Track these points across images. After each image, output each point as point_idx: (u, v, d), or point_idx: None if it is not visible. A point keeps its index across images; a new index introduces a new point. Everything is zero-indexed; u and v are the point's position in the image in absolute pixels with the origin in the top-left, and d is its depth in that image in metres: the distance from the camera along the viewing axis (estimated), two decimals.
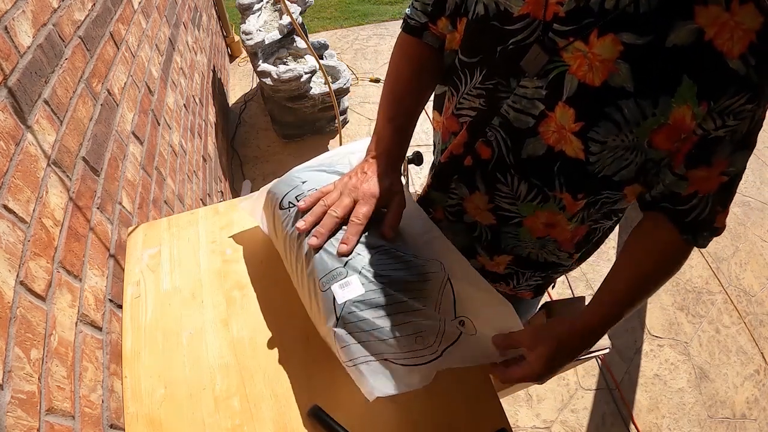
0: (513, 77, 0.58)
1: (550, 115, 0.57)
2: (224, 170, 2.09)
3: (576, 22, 0.51)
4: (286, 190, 0.69)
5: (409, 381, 0.55)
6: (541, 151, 0.60)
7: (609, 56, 0.50)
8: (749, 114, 0.50)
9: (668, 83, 0.50)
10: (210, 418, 0.60)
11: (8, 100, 0.58)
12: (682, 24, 0.47)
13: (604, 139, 0.55)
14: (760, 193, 2.46)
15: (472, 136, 0.66)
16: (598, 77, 0.52)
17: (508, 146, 0.62)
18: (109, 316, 0.71)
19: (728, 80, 0.48)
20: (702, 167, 0.54)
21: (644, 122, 0.52)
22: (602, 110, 0.53)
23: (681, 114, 0.51)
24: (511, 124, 0.60)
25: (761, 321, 1.97)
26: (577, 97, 0.54)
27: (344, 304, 0.55)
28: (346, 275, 0.57)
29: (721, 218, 0.58)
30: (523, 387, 1.27)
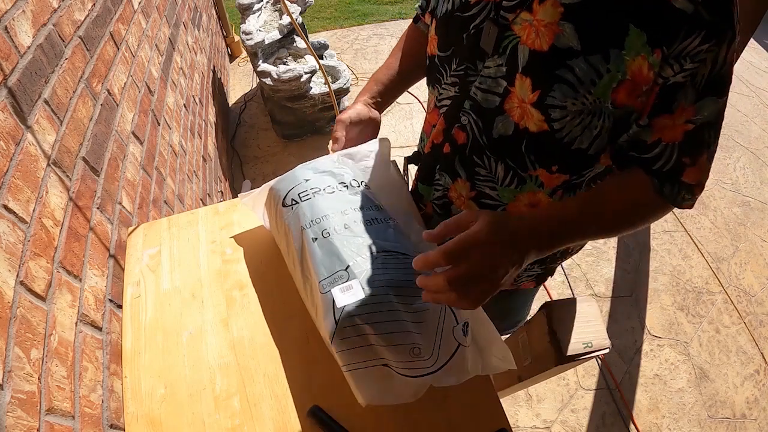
0: (479, 60, 0.61)
1: (512, 91, 0.58)
2: (224, 170, 2.09)
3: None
4: (289, 187, 0.69)
5: (402, 392, 0.54)
6: (510, 130, 0.61)
7: (552, 19, 0.52)
8: (708, 55, 0.47)
9: (615, 35, 0.49)
10: (210, 418, 0.60)
11: (8, 100, 0.58)
12: None
13: (562, 103, 0.54)
14: (760, 193, 2.46)
15: (448, 122, 0.69)
16: (545, 41, 0.53)
17: (480, 128, 0.64)
18: (109, 316, 0.71)
19: (677, 22, 0.46)
20: (664, 115, 0.52)
21: (600, 81, 0.51)
22: (554, 73, 0.53)
23: (637, 66, 0.49)
24: (480, 106, 0.63)
25: (761, 321, 1.97)
26: (530, 66, 0.55)
27: (343, 309, 0.55)
28: (348, 278, 0.57)
29: (691, 173, 0.55)
30: (523, 387, 1.27)
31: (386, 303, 0.56)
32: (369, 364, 0.55)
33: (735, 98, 3.06)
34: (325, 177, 0.70)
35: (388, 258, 0.60)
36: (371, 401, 0.54)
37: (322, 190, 0.67)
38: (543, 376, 1.12)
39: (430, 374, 0.55)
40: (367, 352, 0.55)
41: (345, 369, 0.55)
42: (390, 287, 0.57)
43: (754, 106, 3.03)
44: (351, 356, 0.55)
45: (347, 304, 0.55)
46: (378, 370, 0.55)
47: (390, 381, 0.54)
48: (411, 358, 0.55)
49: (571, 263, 2.05)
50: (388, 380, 0.54)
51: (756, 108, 3.03)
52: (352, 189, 0.68)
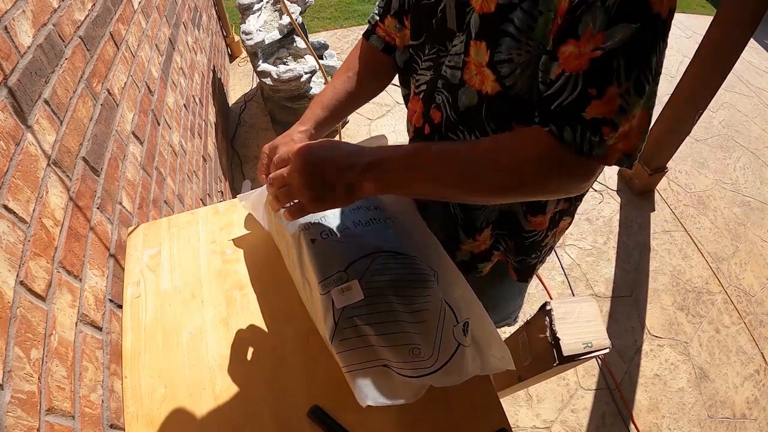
0: (448, 40, 0.63)
1: (468, 60, 0.59)
2: (224, 170, 2.09)
3: None
4: None
5: (401, 393, 0.54)
6: (475, 99, 0.61)
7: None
8: None
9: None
10: (210, 418, 0.60)
11: (8, 100, 0.58)
12: None
13: (508, 56, 0.54)
14: (760, 193, 2.46)
15: (425, 104, 0.70)
16: (493, 2, 0.54)
17: (450, 103, 0.65)
18: (109, 316, 0.71)
19: None
20: (570, 41, 0.47)
21: (536, 25, 0.50)
22: (499, 29, 0.54)
23: (564, 2, 0.47)
24: (450, 82, 0.63)
25: (761, 321, 1.97)
26: (482, 30, 0.56)
27: (342, 310, 0.55)
28: (347, 279, 0.57)
29: (596, 106, 0.47)
30: (523, 387, 1.27)
31: (386, 303, 0.56)
32: (369, 365, 0.55)
33: (735, 98, 3.06)
34: None
35: (388, 258, 0.60)
36: (372, 402, 0.53)
37: None
38: (543, 376, 1.12)
39: (430, 374, 0.55)
40: (367, 353, 0.55)
41: (345, 370, 0.55)
42: (389, 287, 0.57)
43: (754, 106, 3.03)
44: (351, 357, 0.55)
45: (347, 305, 0.55)
46: (378, 371, 0.55)
47: (390, 382, 0.54)
48: (411, 358, 0.55)
49: (571, 263, 2.05)
50: (389, 381, 0.54)
51: (756, 108, 3.03)
52: None
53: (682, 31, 3.79)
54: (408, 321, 0.56)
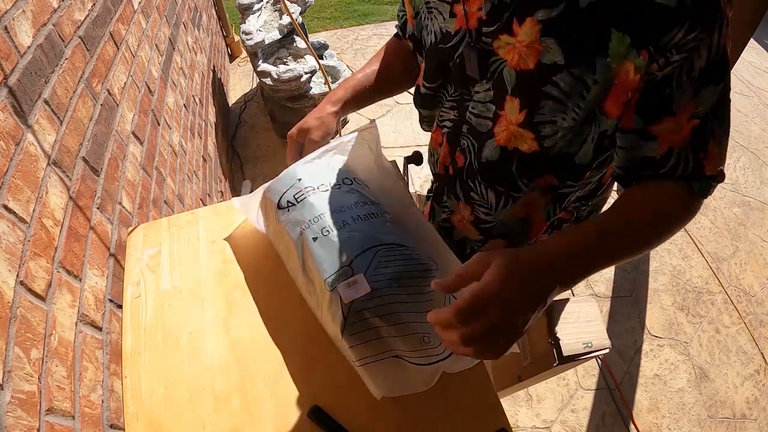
0: (471, 85, 0.61)
1: (501, 114, 0.58)
2: (224, 170, 2.09)
3: (498, 19, 0.53)
4: (284, 189, 0.69)
5: (415, 382, 0.56)
6: (495, 155, 0.61)
7: (533, 38, 0.51)
8: (700, 43, 0.44)
9: (597, 43, 0.47)
10: (210, 418, 0.60)
11: (8, 100, 0.58)
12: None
13: (552, 118, 0.53)
14: (760, 193, 2.46)
15: (450, 145, 0.70)
16: (531, 60, 0.52)
17: (474, 151, 0.64)
18: (109, 316, 0.71)
19: (660, 18, 0.43)
20: (666, 118, 0.49)
21: (589, 94, 0.50)
22: (541, 90, 0.52)
23: (624, 71, 0.47)
24: (476, 129, 0.63)
25: (761, 321, 1.97)
26: (518, 86, 0.54)
27: (351, 304, 0.56)
28: (353, 274, 0.57)
29: (709, 164, 0.52)
30: (523, 387, 1.27)
31: (392, 295, 0.57)
32: (381, 356, 0.56)
33: (735, 98, 3.05)
34: (318, 175, 0.70)
35: (390, 251, 0.60)
36: (387, 393, 0.55)
37: (317, 189, 0.67)
38: (543, 376, 1.12)
39: (442, 360, 0.56)
40: (378, 345, 0.56)
41: (358, 364, 0.56)
42: (394, 279, 0.58)
43: (754, 106, 3.03)
44: (363, 350, 0.56)
45: (355, 299, 0.56)
46: (390, 362, 0.56)
47: (403, 371, 0.56)
48: (422, 346, 0.56)
49: None
50: (401, 371, 0.56)
51: (756, 108, 3.03)
52: (345, 186, 0.69)
53: None
54: (414, 311, 0.57)
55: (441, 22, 0.62)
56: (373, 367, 0.55)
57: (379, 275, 0.58)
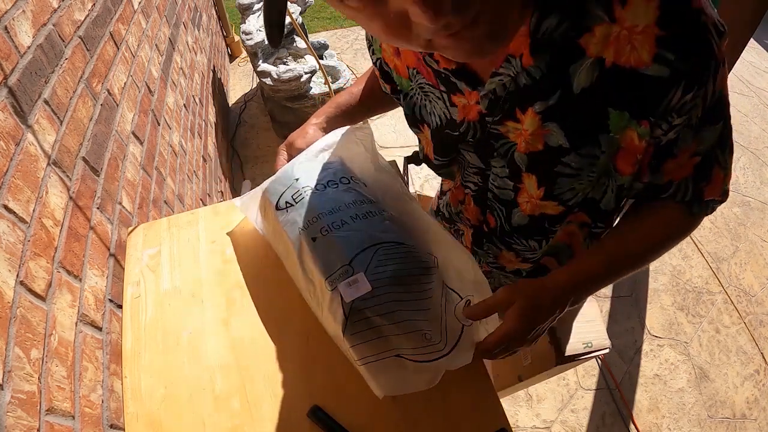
0: (489, 158, 0.62)
1: (522, 187, 0.60)
2: (224, 170, 2.09)
3: (499, 111, 0.54)
4: (282, 190, 0.69)
5: (417, 381, 0.56)
6: (525, 221, 0.64)
7: (535, 127, 0.52)
8: (697, 100, 0.44)
9: (597, 123, 0.48)
10: (210, 418, 0.60)
11: (8, 100, 0.58)
12: (578, 66, 0.45)
13: (570, 187, 0.56)
14: (760, 193, 2.46)
15: (479, 207, 0.72)
16: (539, 143, 0.54)
17: (503, 216, 0.67)
18: (109, 316, 0.71)
19: (655, 90, 0.44)
20: (669, 161, 0.51)
21: (599, 161, 0.52)
22: (553, 170, 0.55)
23: (629, 138, 0.49)
24: (500, 198, 0.65)
25: (761, 321, 1.97)
26: (531, 166, 0.56)
27: (352, 303, 0.56)
28: (353, 273, 0.57)
29: (710, 190, 0.54)
30: (523, 387, 1.27)
31: (392, 293, 0.57)
32: (382, 356, 0.56)
33: (735, 98, 3.05)
34: (315, 174, 0.70)
35: (389, 249, 0.60)
36: (389, 392, 0.55)
37: (314, 188, 0.67)
38: (543, 376, 1.12)
39: (444, 357, 0.56)
40: (379, 344, 0.56)
41: (360, 363, 0.56)
42: (394, 278, 0.58)
43: (754, 106, 3.03)
44: (364, 350, 0.56)
45: (355, 298, 0.56)
46: (392, 362, 0.56)
47: (405, 370, 0.56)
48: (424, 343, 0.56)
49: None
50: (403, 369, 0.56)
51: (756, 108, 3.03)
52: (343, 185, 0.69)
53: None
54: (414, 309, 0.58)
55: (443, 108, 0.62)
56: (374, 367, 0.55)
57: (379, 274, 0.58)
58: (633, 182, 0.54)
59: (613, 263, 0.58)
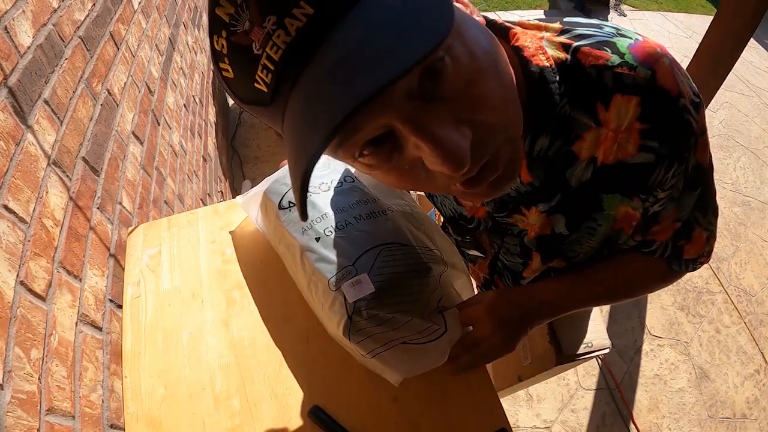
0: (504, 236, 0.67)
1: (530, 263, 0.67)
2: (224, 170, 2.09)
3: (505, 209, 0.60)
4: (285, 189, 0.69)
5: (428, 360, 0.60)
6: (531, 279, 0.70)
7: (541, 221, 0.57)
8: (678, 176, 0.48)
9: (593, 207, 0.53)
10: (210, 418, 0.60)
11: (8, 100, 0.58)
12: (572, 170, 0.50)
13: (572, 249, 0.61)
14: (760, 193, 2.46)
15: (490, 270, 0.77)
16: (547, 229, 0.59)
17: (511, 281, 0.74)
18: (109, 316, 0.71)
19: (641, 173, 0.47)
20: (653, 226, 0.56)
21: (597, 232, 0.56)
22: (559, 248, 0.61)
23: (623, 211, 0.52)
24: (509, 268, 0.71)
25: (761, 321, 1.97)
26: (540, 247, 0.62)
27: (355, 303, 0.56)
28: (356, 273, 0.58)
29: (690, 249, 0.58)
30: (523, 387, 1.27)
31: (394, 293, 0.58)
32: (390, 344, 0.58)
33: (735, 98, 3.05)
34: (319, 175, 0.70)
35: (392, 250, 0.61)
36: (406, 375, 0.59)
37: (318, 188, 0.67)
38: (543, 376, 1.12)
39: (444, 334, 0.60)
40: (385, 336, 0.58)
41: (370, 356, 0.58)
42: (396, 279, 0.59)
43: (754, 106, 3.03)
44: (371, 343, 0.57)
45: (359, 298, 0.56)
46: (400, 348, 0.59)
47: (414, 353, 0.59)
48: (425, 326, 0.59)
49: None
50: (413, 353, 0.59)
51: (756, 108, 3.03)
52: (347, 183, 0.69)
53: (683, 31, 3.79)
54: (417, 310, 0.60)
55: (453, 204, 0.69)
56: (386, 356, 0.58)
57: (383, 275, 0.58)
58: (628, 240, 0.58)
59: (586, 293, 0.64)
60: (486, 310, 0.62)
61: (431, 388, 0.62)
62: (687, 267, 0.62)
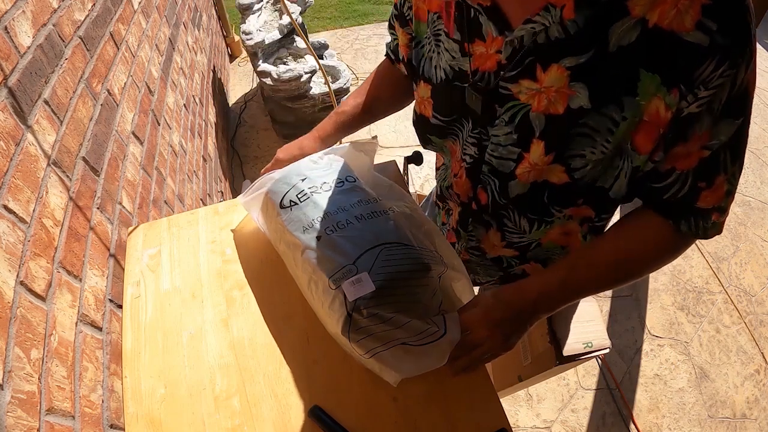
0: (489, 126, 0.60)
1: (525, 156, 0.57)
2: (224, 170, 2.09)
3: (519, 64, 0.52)
4: (286, 189, 0.69)
5: (427, 361, 0.60)
6: (525, 189, 0.60)
7: (561, 84, 0.50)
8: (725, 79, 0.44)
9: (626, 84, 0.47)
10: (210, 418, 0.60)
11: (8, 100, 0.58)
12: (618, 25, 0.45)
13: (580, 152, 0.53)
14: (760, 193, 2.46)
15: (471, 181, 0.69)
16: (561, 105, 0.51)
17: (499, 190, 0.64)
18: (109, 316, 0.71)
19: (691, 57, 0.43)
20: (679, 143, 0.49)
21: (618, 129, 0.50)
22: (569, 133, 0.53)
23: (654, 108, 0.47)
24: (497, 170, 0.62)
25: (761, 321, 1.97)
26: (546, 130, 0.54)
27: (355, 302, 0.57)
28: (357, 272, 0.58)
29: (706, 197, 0.52)
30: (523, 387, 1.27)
31: (394, 292, 0.59)
32: (389, 344, 0.59)
33: None
34: (320, 175, 0.70)
35: (392, 249, 0.61)
36: (404, 375, 0.59)
37: (319, 188, 0.67)
38: (543, 376, 1.12)
39: (443, 336, 0.60)
40: (384, 336, 0.58)
41: (368, 356, 0.58)
42: (396, 278, 0.59)
43: (754, 106, 3.03)
44: (369, 343, 0.58)
45: (359, 297, 0.57)
46: (399, 349, 0.59)
47: (412, 354, 0.60)
48: (425, 327, 0.60)
49: None
50: (412, 354, 0.60)
51: (756, 108, 3.03)
52: (348, 183, 0.69)
53: None
54: (417, 309, 0.60)
55: (450, 60, 0.61)
56: (385, 355, 0.58)
57: (383, 274, 0.59)
58: (645, 163, 0.52)
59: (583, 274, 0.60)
60: (481, 314, 0.61)
61: (431, 388, 0.62)
62: (697, 227, 0.54)
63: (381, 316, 0.57)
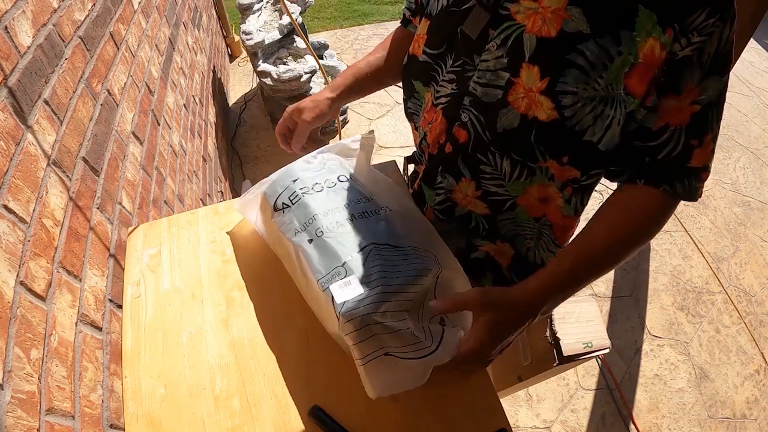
0: (475, 54, 0.60)
1: (516, 81, 0.56)
2: (224, 170, 2.09)
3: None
4: (279, 191, 0.69)
5: (407, 377, 0.57)
6: (516, 122, 0.58)
7: (558, 5, 0.52)
8: (714, 29, 0.48)
9: (624, 17, 0.49)
10: (210, 418, 0.60)
11: (8, 100, 0.58)
12: None
13: (573, 89, 0.53)
14: (760, 193, 2.46)
15: (448, 121, 0.66)
16: (554, 27, 0.52)
17: (483, 123, 0.61)
18: (109, 316, 0.71)
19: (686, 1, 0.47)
20: (671, 96, 0.52)
21: (612, 65, 0.51)
22: (564, 59, 0.52)
23: (649, 48, 0.49)
24: (481, 101, 0.60)
25: (761, 321, 1.97)
26: (538, 53, 0.54)
27: (343, 305, 0.56)
28: (346, 275, 0.58)
29: (698, 155, 0.54)
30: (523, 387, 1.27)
31: (383, 294, 0.57)
32: (373, 355, 0.56)
33: (735, 98, 3.05)
34: (313, 175, 0.70)
35: (383, 251, 0.61)
36: (381, 393, 0.56)
37: (311, 189, 0.67)
38: (543, 376, 1.12)
39: (432, 353, 0.57)
40: (371, 342, 0.56)
41: (358, 363, 0.57)
42: (385, 280, 0.58)
43: (754, 106, 3.03)
44: (358, 351, 0.56)
45: (347, 300, 0.56)
46: (383, 360, 0.56)
47: (395, 368, 0.56)
48: (413, 340, 0.57)
49: None
50: (393, 368, 0.56)
51: (756, 108, 3.03)
52: (341, 183, 0.69)
53: None
54: (405, 310, 0.58)
55: None
56: (368, 367, 0.56)
57: (372, 276, 0.58)
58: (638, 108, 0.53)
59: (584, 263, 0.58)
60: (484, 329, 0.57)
61: (431, 388, 0.62)
62: (690, 187, 0.56)
63: (370, 318, 0.56)
